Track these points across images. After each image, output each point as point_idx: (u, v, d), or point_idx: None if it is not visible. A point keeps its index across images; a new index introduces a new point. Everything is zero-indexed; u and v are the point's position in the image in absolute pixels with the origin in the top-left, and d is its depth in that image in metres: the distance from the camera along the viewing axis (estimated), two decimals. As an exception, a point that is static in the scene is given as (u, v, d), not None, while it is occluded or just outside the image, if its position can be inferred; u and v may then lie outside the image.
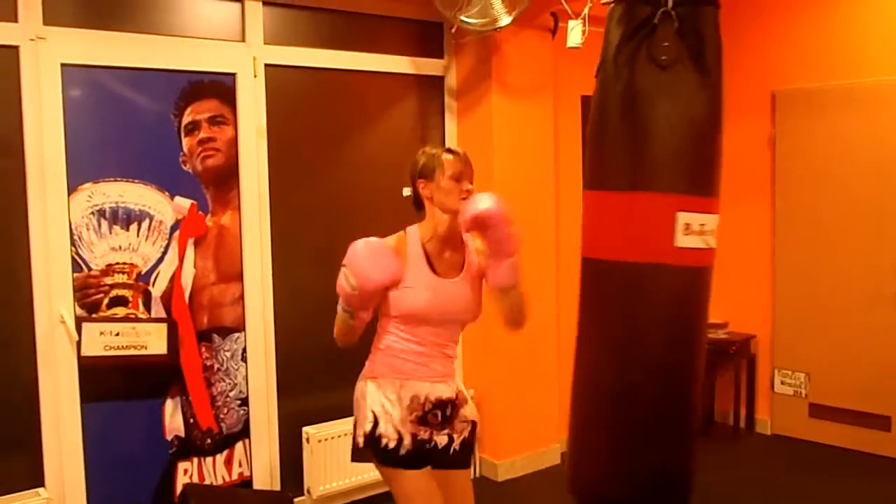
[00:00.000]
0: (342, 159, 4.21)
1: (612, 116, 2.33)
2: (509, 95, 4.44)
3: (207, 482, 3.78)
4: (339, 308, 2.53)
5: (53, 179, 3.33)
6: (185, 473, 3.73)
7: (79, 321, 3.41)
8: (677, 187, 2.29)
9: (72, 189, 3.38)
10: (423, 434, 2.58)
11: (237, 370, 3.84)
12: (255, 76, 3.82)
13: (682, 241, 2.26)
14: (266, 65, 3.85)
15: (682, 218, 2.26)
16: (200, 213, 3.71)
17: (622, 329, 2.39)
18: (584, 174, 2.56)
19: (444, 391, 2.63)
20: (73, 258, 3.40)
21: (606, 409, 2.42)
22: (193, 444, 3.74)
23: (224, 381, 3.80)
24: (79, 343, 3.41)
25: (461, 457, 2.68)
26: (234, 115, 3.78)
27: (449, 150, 2.62)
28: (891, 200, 4.61)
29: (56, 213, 3.35)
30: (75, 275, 3.41)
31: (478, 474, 4.60)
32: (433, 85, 4.54)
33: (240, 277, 3.83)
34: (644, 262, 2.30)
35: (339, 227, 4.20)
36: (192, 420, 3.73)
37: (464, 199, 2.54)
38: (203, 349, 3.75)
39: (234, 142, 3.78)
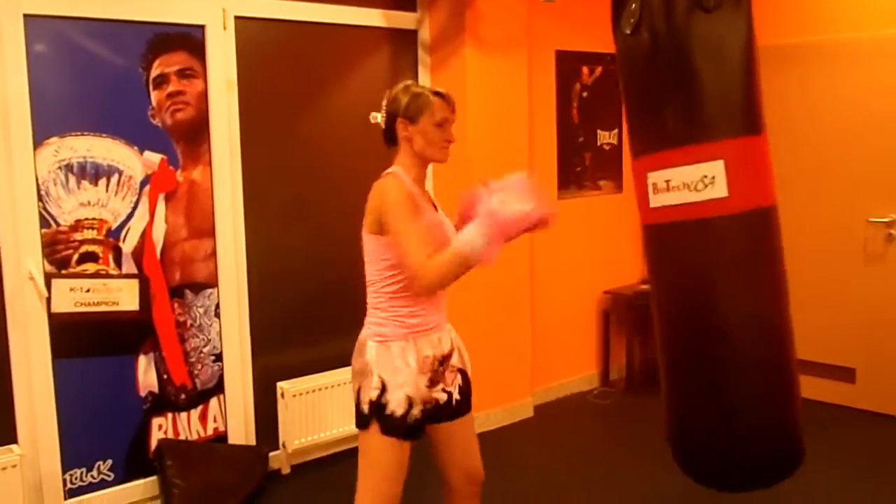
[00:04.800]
0: (314, 113, 4.16)
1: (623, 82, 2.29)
2: (483, 50, 4.40)
3: (182, 437, 3.79)
4: (471, 246, 2.19)
5: (18, 134, 3.26)
6: (160, 429, 3.73)
7: (48, 278, 3.38)
8: (641, 149, 2.26)
9: (38, 143, 3.32)
10: (432, 396, 2.47)
11: (210, 326, 3.83)
12: (224, 28, 3.75)
13: (654, 201, 2.21)
14: (236, 17, 3.78)
15: (650, 178, 2.22)
16: (171, 167, 3.67)
17: (657, 288, 2.35)
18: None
19: (446, 344, 2.53)
20: (40, 214, 3.35)
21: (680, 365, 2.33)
22: (167, 400, 3.74)
23: (197, 336, 3.80)
24: (49, 300, 3.38)
25: (464, 405, 2.60)
26: (204, 68, 3.72)
27: (436, 93, 2.45)
28: (860, 157, 4.66)
29: (22, 168, 3.28)
30: (43, 231, 3.36)
31: (452, 428, 4.65)
32: (406, 39, 4.48)
33: (212, 233, 3.80)
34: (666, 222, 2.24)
35: (311, 182, 4.18)
36: (165, 376, 3.72)
37: (444, 148, 2.44)
38: (176, 305, 3.73)
39: (204, 95, 3.72)
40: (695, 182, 2.11)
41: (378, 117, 2.52)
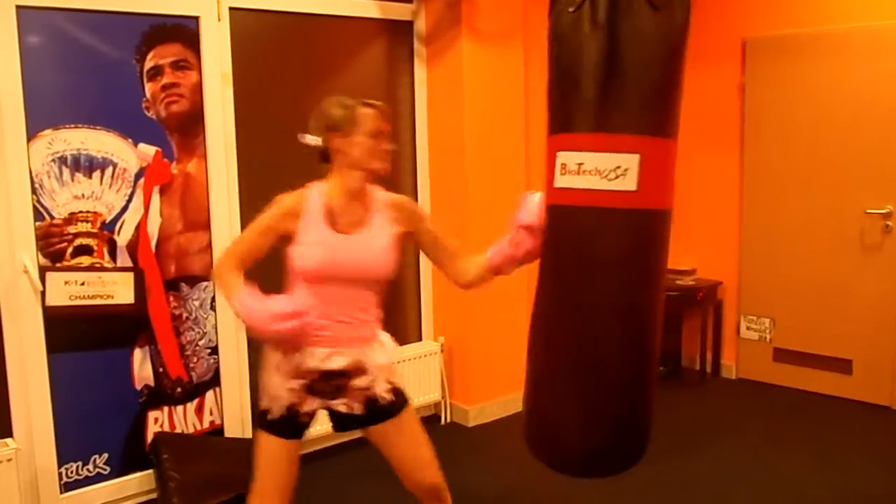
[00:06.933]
0: (309, 105, 4.10)
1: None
2: (479, 41, 4.38)
3: (178, 431, 3.78)
4: (232, 299, 2.51)
5: (12, 126, 3.25)
6: (156, 422, 3.73)
7: (42, 271, 3.36)
8: (558, 127, 2.18)
9: (31, 136, 3.30)
10: (310, 404, 2.47)
11: (206, 319, 3.82)
12: (218, 20, 3.73)
13: (560, 181, 2.14)
14: (230, 8, 3.76)
15: (560, 158, 2.15)
16: (165, 160, 3.65)
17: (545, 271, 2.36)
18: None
19: (337, 362, 2.46)
20: (34, 207, 3.33)
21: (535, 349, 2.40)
22: (164, 393, 3.74)
23: (193, 329, 3.78)
24: (43, 293, 3.36)
25: (375, 413, 2.53)
26: (199, 60, 3.70)
27: (367, 104, 2.46)
28: (857, 148, 4.65)
29: (15, 161, 3.27)
30: (37, 224, 3.35)
31: (448, 420, 4.65)
32: (402, 30, 4.46)
33: (207, 226, 3.78)
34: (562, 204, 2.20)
35: (305, 174, 4.15)
36: (161, 369, 3.71)
37: (382, 158, 2.45)
38: (171, 298, 3.72)
39: (198, 87, 3.70)
40: (608, 170, 2.08)
41: (308, 138, 2.55)
